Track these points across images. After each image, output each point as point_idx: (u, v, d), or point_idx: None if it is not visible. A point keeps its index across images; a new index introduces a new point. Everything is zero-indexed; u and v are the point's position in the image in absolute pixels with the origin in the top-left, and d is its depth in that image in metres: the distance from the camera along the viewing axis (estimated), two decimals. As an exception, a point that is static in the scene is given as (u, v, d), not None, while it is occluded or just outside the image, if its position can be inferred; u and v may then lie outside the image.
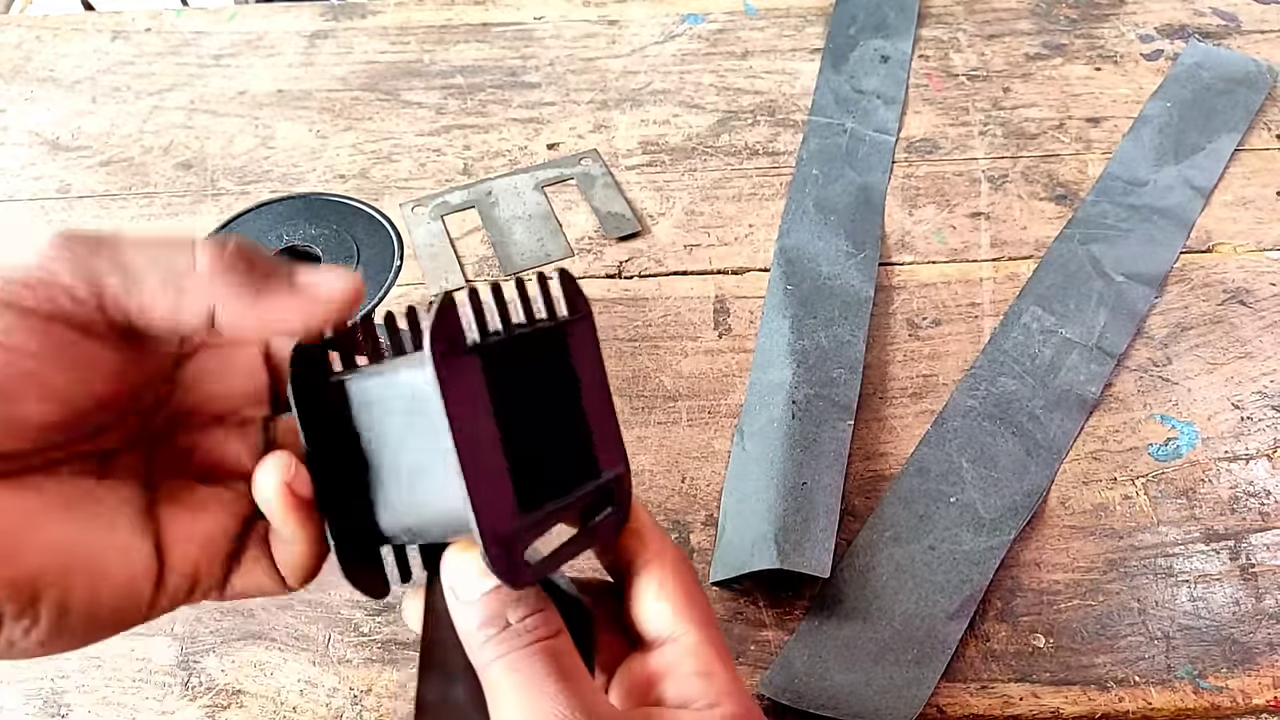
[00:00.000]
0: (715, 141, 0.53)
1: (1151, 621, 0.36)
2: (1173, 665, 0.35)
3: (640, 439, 0.41)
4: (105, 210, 0.50)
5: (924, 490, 0.38)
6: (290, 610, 0.36)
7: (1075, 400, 0.41)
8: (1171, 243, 0.47)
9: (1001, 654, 0.35)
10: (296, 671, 0.35)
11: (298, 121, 0.54)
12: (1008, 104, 0.54)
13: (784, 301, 0.44)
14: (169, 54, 0.58)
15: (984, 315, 0.45)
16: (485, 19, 0.59)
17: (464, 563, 0.22)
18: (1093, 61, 0.56)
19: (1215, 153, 0.51)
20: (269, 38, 0.59)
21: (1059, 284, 0.45)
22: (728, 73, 0.56)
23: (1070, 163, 0.51)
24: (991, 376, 0.42)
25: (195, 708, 0.34)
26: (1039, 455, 0.40)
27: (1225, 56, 0.55)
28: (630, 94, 0.55)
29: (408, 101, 0.55)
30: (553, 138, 0.53)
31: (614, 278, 0.47)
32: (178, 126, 0.54)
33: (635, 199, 0.50)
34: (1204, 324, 0.44)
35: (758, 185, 0.51)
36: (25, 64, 0.58)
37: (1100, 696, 0.34)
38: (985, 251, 0.48)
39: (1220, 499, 0.39)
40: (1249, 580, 0.37)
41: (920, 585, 0.36)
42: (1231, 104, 0.53)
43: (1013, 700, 0.34)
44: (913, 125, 0.53)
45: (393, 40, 0.58)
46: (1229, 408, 0.41)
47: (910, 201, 0.50)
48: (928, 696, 0.33)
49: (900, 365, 0.43)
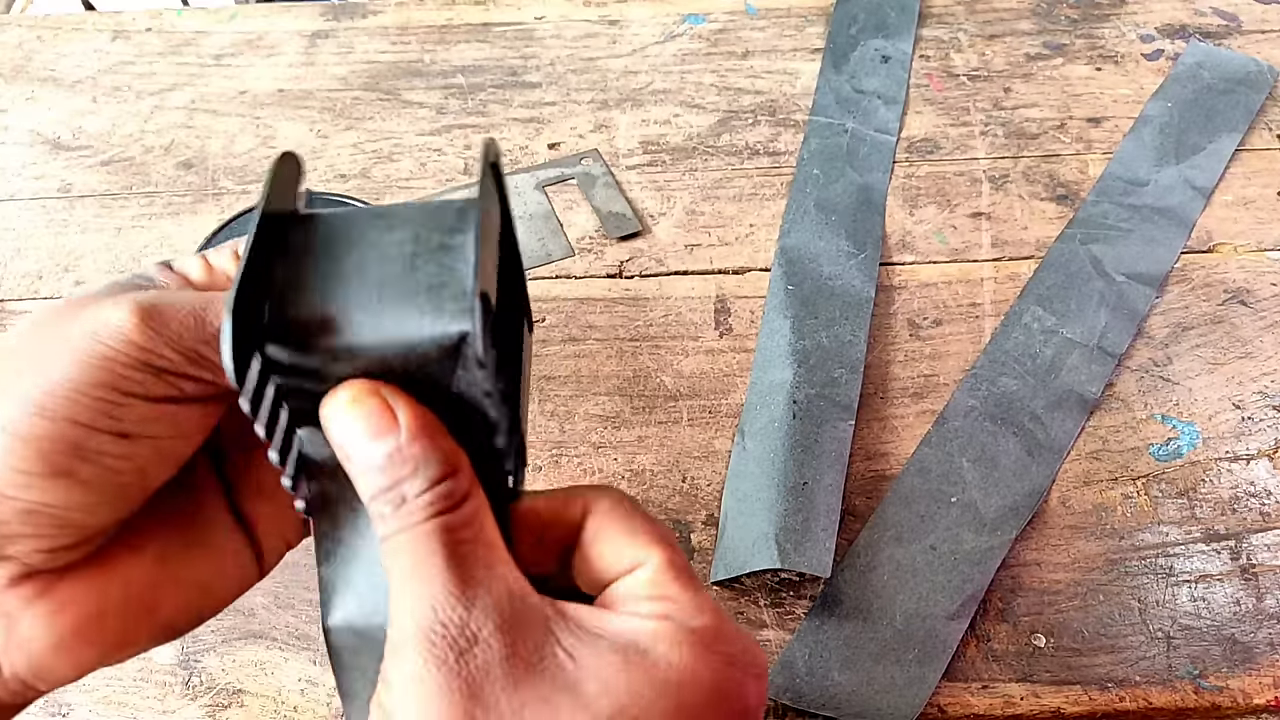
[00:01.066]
0: (716, 141, 0.53)
1: (1152, 621, 0.36)
2: (1173, 665, 0.35)
3: (641, 439, 0.41)
4: (106, 210, 0.50)
5: (925, 490, 0.38)
6: (291, 609, 0.36)
7: (1076, 400, 0.41)
8: (1172, 243, 0.47)
9: (1002, 654, 0.35)
10: (297, 671, 0.35)
11: (298, 121, 0.54)
12: (1008, 104, 0.54)
13: (785, 301, 0.44)
14: (170, 54, 0.58)
15: (985, 315, 0.45)
16: (486, 19, 0.59)
17: (359, 417, 0.18)
18: (1093, 61, 0.56)
19: (1216, 153, 0.51)
20: (269, 37, 0.59)
21: (1060, 284, 0.45)
22: (728, 72, 0.56)
23: (1071, 163, 0.51)
24: (992, 376, 0.42)
25: (196, 707, 0.34)
26: (1040, 455, 0.40)
27: (1226, 56, 0.55)
28: (631, 94, 0.55)
29: (408, 101, 0.55)
30: (553, 137, 0.53)
31: (615, 277, 0.47)
32: (178, 126, 0.54)
33: (636, 199, 0.50)
34: (1205, 324, 0.44)
35: (758, 185, 0.51)
36: (26, 64, 0.58)
37: (1101, 696, 0.34)
38: (986, 251, 0.48)
39: (1221, 499, 0.39)
40: (1249, 580, 0.37)
41: (921, 585, 0.36)
42: (1232, 104, 0.53)
43: (1013, 700, 0.34)
44: (913, 125, 0.53)
45: (393, 40, 0.58)
46: (1230, 408, 0.41)
47: (911, 201, 0.50)
48: (928, 696, 0.33)
49: (901, 365, 0.43)
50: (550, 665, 0.17)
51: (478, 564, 0.18)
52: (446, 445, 0.19)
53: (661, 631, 0.18)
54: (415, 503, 0.18)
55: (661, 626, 0.18)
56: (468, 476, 0.19)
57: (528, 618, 0.18)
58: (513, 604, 0.18)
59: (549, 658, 0.18)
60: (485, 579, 0.18)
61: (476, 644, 0.17)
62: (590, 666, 0.18)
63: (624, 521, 0.21)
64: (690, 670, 0.18)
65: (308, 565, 0.37)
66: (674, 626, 0.18)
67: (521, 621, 0.18)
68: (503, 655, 0.17)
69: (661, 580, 0.20)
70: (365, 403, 0.18)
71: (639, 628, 0.18)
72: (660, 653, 0.18)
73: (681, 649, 0.18)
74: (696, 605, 0.19)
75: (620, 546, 0.20)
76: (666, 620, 0.19)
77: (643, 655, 0.18)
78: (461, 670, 0.17)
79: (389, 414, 0.18)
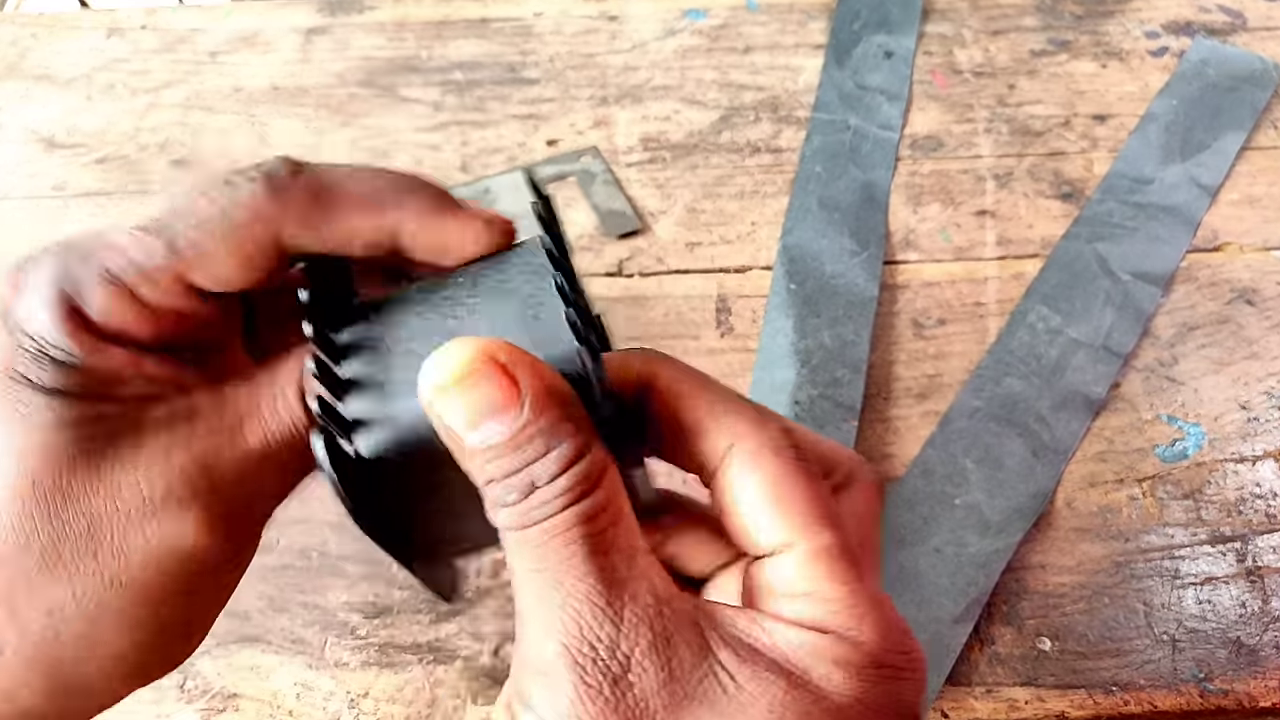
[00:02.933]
0: (717, 138, 0.52)
1: (1157, 624, 0.35)
2: (1178, 668, 0.34)
3: (641, 440, 0.40)
4: (100, 209, 0.50)
5: (929, 492, 0.38)
6: (287, 613, 0.36)
7: (1081, 401, 0.41)
8: (1178, 241, 0.47)
9: (1007, 657, 0.35)
10: (293, 675, 0.34)
11: (294, 118, 0.53)
12: (1013, 101, 0.54)
13: (787, 300, 0.44)
14: (164, 51, 0.57)
15: (989, 315, 0.44)
16: (484, 14, 0.59)
17: (471, 387, 0.15)
18: (1099, 58, 0.56)
19: (1222, 150, 0.50)
20: (265, 34, 0.58)
21: (1065, 283, 0.45)
22: (730, 69, 0.56)
23: (1076, 160, 0.51)
24: (997, 377, 0.42)
25: (191, 711, 0.34)
26: (1045, 456, 0.39)
27: (1231, 54, 0.55)
28: (631, 90, 0.55)
29: (405, 98, 0.54)
30: (552, 134, 0.52)
31: (614, 276, 0.46)
32: (174, 124, 0.53)
33: (636, 196, 0.49)
34: (1211, 324, 0.44)
35: (760, 182, 0.50)
36: (20, 61, 0.57)
37: (1106, 700, 0.34)
38: (991, 250, 0.47)
39: (1227, 500, 0.38)
40: (1255, 582, 0.36)
41: (925, 588, 0.35)
42: (1238, 102, 0.52)
43: (1018, 704, 0.34)
44: (917, 122, 0.53)
45: (390, 36, 0.58)
46: (1236, 408, 0.41)
47: (915, 199, 0.49)
48: (932, 700, 0.33)
49: (905, 365, 0.43)
50: (711, 690, 0.16)
51: (620, 560, 0.16)
52: (577, 412, 0.16)
53: (822, 649, 0.16)
54: (548, 490, 0.15)
55: (821, 643, 0.16)
56: (601, 449, 0.16)
57: (680, 627, 0.16)
58: (661, 611, 0.16)
59: (708, 679, 0.16)
60: (629, 580, 0.16)
61: (629, 669, 0.15)
62: (752, 691, 0.16)
63: (775, 487, 0.17)
64: (856, 694, 0.16)
65: (302, 569, 0.37)
66: (834, 643, 0.16)
67: (674, 634, 0.16)
68: (660, 681, 0.15)
69: (813, 575, 0.17)
70: (478, 370, 0.15)
71: (796, 643, 0.16)
72: (822, 674, 0.16)
73: (847, 671, 0.16)
74: (857, 611, 0.17)
75: (767, 519, 0.17)
76: (825, 636, 0.16)
77: (805, 676, 0.16)
78: (619, 705, 0.15)
79: (509, 382, 0.15)
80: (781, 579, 0.17)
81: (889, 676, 0.16)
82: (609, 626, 0.15)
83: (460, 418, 0.15)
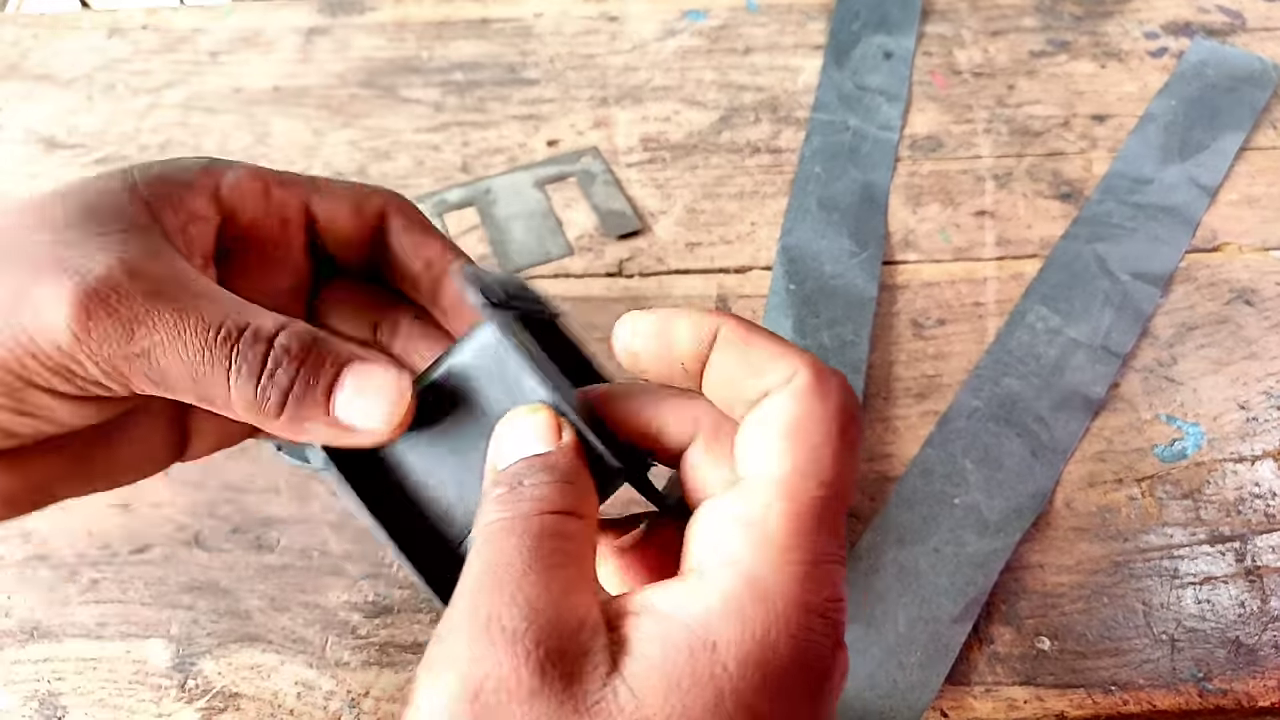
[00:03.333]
0: (717, 139, 0.52)
1: (1156, 624, 0.35)
2: (1178, 668, 0.34)
3: (641, 439, 0.40)
4: (101, 208, 0.50)
5: (928, 492, 0.38)
6: (288, 612, 0.36)
7: (1080, 401, 0.41)
8: (1177, 241, 0.47)
9: (1006, 657, 0.35)
10: (293, 674, 0.34)
11: (294, 119, 0.54)
12: (1012, 101, 0.54)
13: (786, 301, 0.44)
14: (165, 51, 0.57)
15: (989, 315, 0.45)
16: (484, 14, 0.59)
17: (534, 422, 0.19)
18: (1098, 59, 0.56)
19: (1221, 151, 0.50)
20: (265, 34, 0.58)
21: (1064, 283, 0.45)
22: (729, 69, 0.56)
23: (1075, 161, 0.51)
24: (996, 377, 0.42)
25: (191, 710, 0.34)
26: (1044, 456, 0.39)
27: (1230, 54, 0.55)
28: (631, 90, 0.55)
29: (406, 98, 0.54)
30: (552, 134, 0.53)
31: (614, 276, 0.46)
32: (174, 124, 0.54)
33: (636, 196, 0.50)
34: (1210, 324, 0.44)
35: (760, 183, 0.50)
36: (21, 61, 0.57)
37: (1105, 699, 0.34)
38: (990, 250, 0.47)
39: (1226, 500, 0.38)
40: (1254, 582, 0.36)
41: (924, 588, 0.35)
42: (1237, 102, 0.53)
43: (1017, 704, 0.34)
44: (916, 122, 0.53)
45: (390, 36, 0.58)
46: (1235, 408, 0.41)
47: (914, 200, 0.49)
48: (931, 700, 0.33)
49: (904, 365, 0.43)
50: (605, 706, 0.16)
51: (555, 578, 0.17)
52: (589, 483, 0.19)
53: (732, 609, 0.16)
54: (527, 488, 0.18)
55: (731, 603, 0.16)
56: (592, 509, 0.19)
57: (579, 659, 0.16)
58: (565, 638, 0.16)
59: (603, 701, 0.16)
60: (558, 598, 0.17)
61: (503, 670, 0.16)
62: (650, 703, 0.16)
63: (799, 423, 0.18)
64: (756, 674, 0.16)
65: (302, 568, 0.37)
66: (745, 603, 0.16)
67: (569, 657, 0.16)
68: (529, 690, 0.16)
69: (760, 502, 0.17)
70: (541, 414, 0.20)
71: (710, 609, 0.17)
72: (728, 639, 0.16)
73: (752, 634, 0.16)
74: (778, 563, 0.17)
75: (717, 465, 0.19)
76: (743, 588, 0.17)
77: (709, 653, 0.16)
78: (478, 693, 0.16)
79: (556, 429, 0.20)
80: (723, 517, 0.18)
81: (803, 643, 0.17)
82: (516, 621, 0.17)
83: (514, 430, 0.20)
